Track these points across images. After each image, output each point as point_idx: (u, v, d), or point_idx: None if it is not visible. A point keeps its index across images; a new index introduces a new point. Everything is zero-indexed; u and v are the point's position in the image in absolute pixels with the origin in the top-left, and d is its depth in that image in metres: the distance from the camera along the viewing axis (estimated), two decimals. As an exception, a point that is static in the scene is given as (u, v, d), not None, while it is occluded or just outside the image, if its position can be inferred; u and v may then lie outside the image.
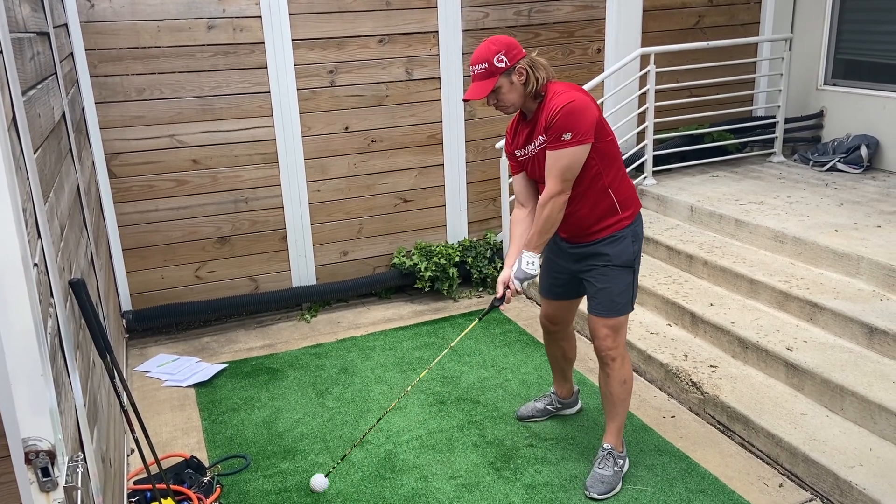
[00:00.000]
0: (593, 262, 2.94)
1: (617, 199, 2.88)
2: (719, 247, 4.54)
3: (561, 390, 3.54)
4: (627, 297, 2.95)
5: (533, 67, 2.77)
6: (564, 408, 3.59)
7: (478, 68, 2.76)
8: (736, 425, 3.35)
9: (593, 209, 2.88)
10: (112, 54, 4.25)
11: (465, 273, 5.17)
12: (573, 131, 2.69)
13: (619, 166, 2.90)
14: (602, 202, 2.87)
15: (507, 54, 2.73)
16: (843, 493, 2.84)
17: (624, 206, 2.90)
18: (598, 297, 2.95)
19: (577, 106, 2.69)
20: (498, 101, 2.82)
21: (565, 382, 3.52)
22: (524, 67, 2.75)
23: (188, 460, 3.24)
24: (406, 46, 4.87)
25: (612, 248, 2.90)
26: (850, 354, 3.44)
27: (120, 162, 4.41)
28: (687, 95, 5.79)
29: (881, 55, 5.52)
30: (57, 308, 1.81)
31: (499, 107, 2.85)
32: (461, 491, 3.09)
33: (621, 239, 2.90)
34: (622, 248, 2.89)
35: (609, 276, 2.91)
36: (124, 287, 4.59)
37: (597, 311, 2.96)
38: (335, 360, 4.30)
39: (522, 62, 2.76)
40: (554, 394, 3.56)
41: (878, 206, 4.65)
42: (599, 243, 2.91)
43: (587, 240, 2.94)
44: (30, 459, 1.37)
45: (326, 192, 4.92)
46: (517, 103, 2.83)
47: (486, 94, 2.76)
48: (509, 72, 2.74)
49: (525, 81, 2.77)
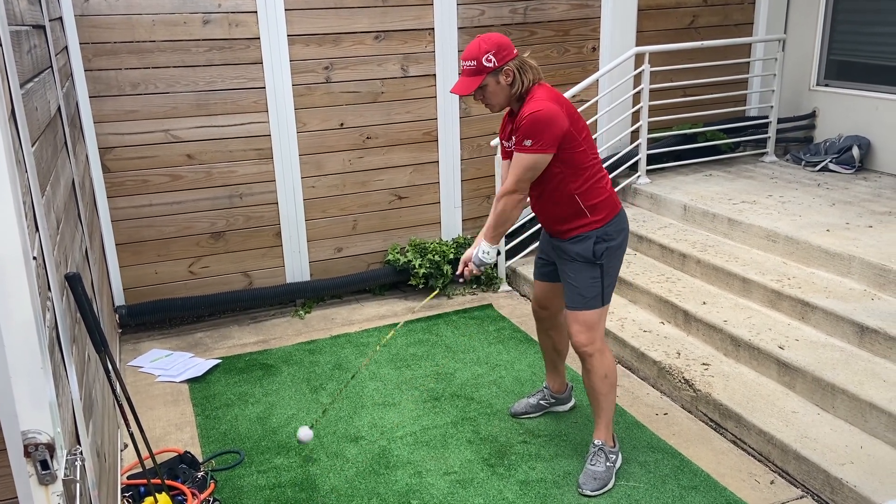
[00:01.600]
0: (562, 256, 3.03)
1: (584, 204, 2.90)
2: (712, 245, 4.57)
3: (553, 384, 3.56)
4: (595, 293, 2.96)
5: (521, 70, 2.82)
6: (557, 403, 3.60)
7: (467, 64, 2.83)
8: (728, 423, 3.38)
9: (559, 211, 2.95)
10: (107, 48, 4.23)
11: (459, 270, 5.18)
12: (533, 139, 2.76)
13: (589, 175, 2.90)
14: (569, 206, 2.92)
15: (497, 55, 2.79)
16: (834, 490, 2.87)
17: (594, 211, 2.91)
18: (567, 289, 3.03)
19: (542, 116, 2.74)
20: (484, 98, 2.90)
21: (557, 375, 3.54)
22: (512, 69, 2.81)
23: (182, 455, 3.24)
24: (402, 43, 4.87)
25: (577, 246, 2.95)
26: (841, 353, 3.47)
27: (114, 156, 4.40)
28: (681, 95, 5.81)
29: (873, 56, 5.56)
30: (54, 302, 1.81)
31: (485, 104, 2.94)
32: (455, 487, 3.10)
33: (585, 238, 2.93)
34: (585, 246, 2.93)
35: (575, 269, 2.97)
36: (117, 282, 4.58)
37: (567, 304, 3.04)
38: (329, 357, 4.30)
39: (511, 63, 2.80)
40: (546, 388, 3.58)
41: (870, 206, 4.69)
42: (567, 241, 2.97)
43: (557, 236, 3.02)
44: (29, 452, 1.37)
45: (321, 189, 4.92)
46: (502, 104, 2.91)
47: (471, 91, 2.83)
48: (497, 72, 2.80)
49: (511, 83, 2.83)
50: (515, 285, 5.22)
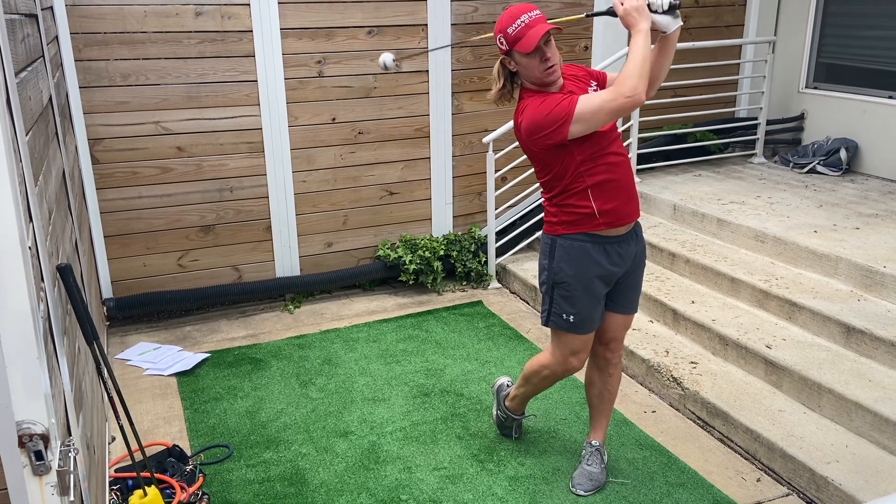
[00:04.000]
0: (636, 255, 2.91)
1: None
2: (701, 245, 4.60)
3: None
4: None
5: None
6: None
7: (533, 14, 2.59)
8: (715, 421, 3.41)
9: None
10: (97, 38, 4.19)
11: (450, 267, 5.18)
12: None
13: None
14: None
15: None
16: (820, 488, 2.90)
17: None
18: (635, 293, 2.98)
19: None
20: (551, 57, 2.61)
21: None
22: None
23: (170, 449, 3.23)
24: (395, 38, 4.86)
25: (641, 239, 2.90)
26: (827, 353, 3.50)
27: (103, 148, 4.36)
28: (671, 95, 5.84)
29: (862, 60, 5.61)
30: (47, 292, 1.79)
31: (550, 65, 2.61)
32: (445, 482, 3.11)
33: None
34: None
35: (643, 266, 2.97)
36: (105, 274, 4.54)
37: (632, 309, 3.01)
38: (319, 352, 4.30)
39: None
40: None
41: (857, 208, 4.74)
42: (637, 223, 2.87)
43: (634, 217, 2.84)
44: (23, 443, 1.36)
45: (312, 183, 4.90)
46: (561, 63, 2.68)
47: (548, 29, 2.56)
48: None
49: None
50: (505, 282, 5.23)
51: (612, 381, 3.04)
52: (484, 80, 5.18)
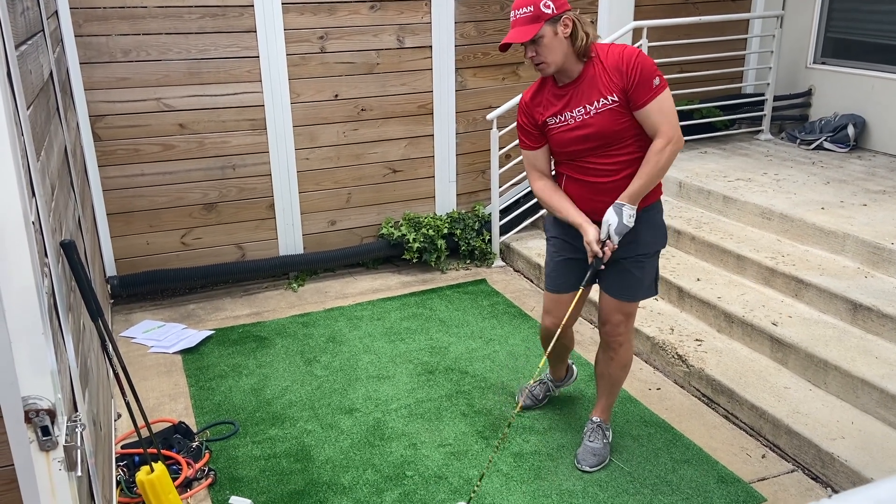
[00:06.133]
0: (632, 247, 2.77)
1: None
2: (707, 223, 4.57)
3: (558, 373, 3.47)
4: (653, 279, 2.89)
5: (580, 21, 2.56)
6: (562, 386, 3.55)
7: (521, 12, 2.54)
8: (720, 398, 3.41)
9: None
10: (97, 13, 4.14)
11: (454, 245, 5.17)
12: (659, 75, 2.57)
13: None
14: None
15: (555, 1, 2.53)
16: (825, 464, 2.90)
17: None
18: (625, 281, 2.82)
19: (640, 52, 2.58)
20: (537, 54, 2.57)
21: (563, 365, 3.44)
22: (571, 18, 2.54)
23: (176, 426, 3.24)
24: (398, 13, 4.80)
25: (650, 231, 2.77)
26: (834, 330, 3.49)
27: (105, 125, 4.33)
28: (678, 71, 5.78)
29: (870, 35, 5.54)
30: (51, 268, 1.78)
31: (536, 62, 2.59)
32: (450, 458, 3.12)
33: (655, 213, 2.78)
34: (657, 222, 2.80)
35: (645, 262, 2.81)
36: (109, 252, 4.53)
37: (620, 294, 2.85)
38: (323, 329, 4.29)
39: (570, 13, 2.56)
40: (550, 380, 3.50)
41: (864, 184, 4.70)
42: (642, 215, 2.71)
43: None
44: (30, 418, 1.35)
45: (315, 161, 4.87)
46: (558, 62, 2.57)
47: (529, 37, 2.51)
48: (555, 20, 2.52)
49: (571, 35, 2.55)
50: (509, 261, 5.21)
51: (612, 364, 3.01)
52: (488, 56, 5.12)
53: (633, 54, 2.56)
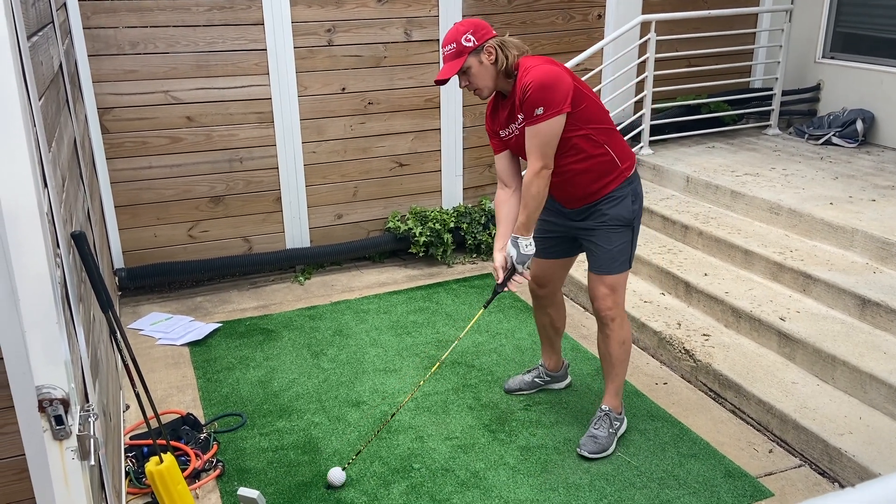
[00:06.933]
0: (593, 222, 2.96)
1: (615, 152, 2.90)
2: (714, 217, 4.56)
3: (549, 362, 3.53)
4: (625, 256, 2.98)
5: (502, 46, 2.78)
6: (553, 381, 3.57)
7: (447, 49, 2.79)
8: (727, 392, 3.40)
9: (590, 173, 2.88)
10: (105, 5, 4.14)
11: (460, 239, 5.17)
12: (546, 104, 2.70)
13: (608, 122, 2.90)
14: (600, 162, 2.87)
15: (475, 34, 2.76)
16: (833, 459, 2.90)
17: (622, 158, 2.92)
18: (596, 254, 2.98)
19: (545, 78, 2.69)
20: (470, 83, 2.83)
21: (553, 353, 3.51)
22: (493, 46, 2.77)
23: (184, 417, 3.25)
24: (405, 6, 4.79)
25: (615, 209, 2.92)
26: (842, 325, 3.48)
27: (113, 117, 4.33)
28: (685, 65, 5.76)
29: (880, 29, 5.51)
30: (63, 259, 1.78)
31: (472, 89, 2.85)
32: (456, 451, 3.12)
33: (621, 199, 2.92)
34: (622, 206, 2.92)
35: (607, 235, 2.94)
36: (116, 245, 4.55)
37: (595, 269, 3.01)
38: (329, 323, 4.30)
39: (491, 41, 2.78)
40: (542, 366, 3.55)
41: (873, 179, 4.68)
42: (601, 202, 2.92)
43: (589, 201, 2.95)
44: (43, 408, 1.36)
45: (322, 154, 4.87)
46: (490, 86, 2.83)
47: (455, 72, 2.77)
48: (478, 51, 2.76)
49: (495, 61, 2.77)
50: (516, 254, 5.20)
51: (609, 342, 3.06)
52: (495, 50, 5.10)
53: (529, 81, 2.71)
